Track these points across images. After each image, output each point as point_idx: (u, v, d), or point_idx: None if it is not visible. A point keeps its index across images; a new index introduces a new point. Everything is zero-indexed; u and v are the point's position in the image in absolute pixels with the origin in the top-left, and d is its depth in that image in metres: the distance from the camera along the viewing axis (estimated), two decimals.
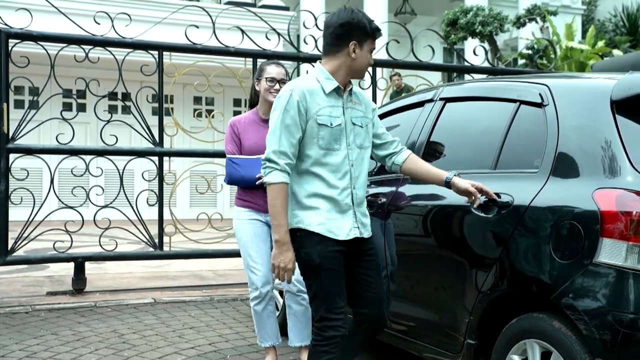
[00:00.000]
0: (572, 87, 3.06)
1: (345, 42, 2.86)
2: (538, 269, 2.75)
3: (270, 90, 3.87)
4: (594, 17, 20.13)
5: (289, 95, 2.81)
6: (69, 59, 5.84)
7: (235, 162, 3.89)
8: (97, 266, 7.07)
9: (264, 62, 4.12)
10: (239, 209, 3.94)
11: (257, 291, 3.84)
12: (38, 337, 4.56)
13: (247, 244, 3.87)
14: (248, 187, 3.89)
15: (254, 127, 3.93)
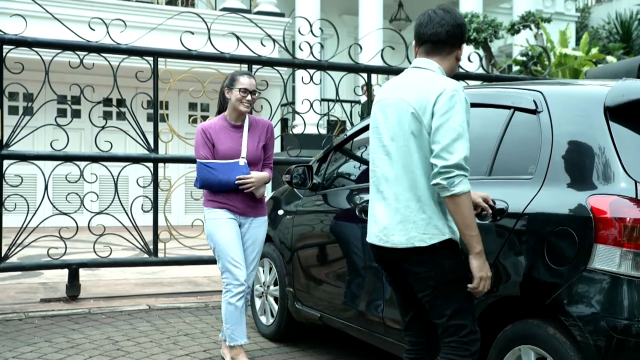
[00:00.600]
0: (566, 94, 3.07)
1: (458, 44, 2.79)
2: (532, 275, 2.75)
3: (242, 101, 4.01)
4: (587, 24, 20.22)
5: (464, 96, 2.61)
6: (63, 65, 5.83)
7: (211, 166, 3.98)
8: (91, 273, 7.05)
9: (236, 71, 4.17)
10: (214, 210, 4.03)
11: (241, 286, 3.94)
12: (32, 344, 4.54)
13: (228, 242, 3.97)
14: (222, 191, 3.99)
15: (226, 132, 4.04)
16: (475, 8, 13.71)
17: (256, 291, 4.97)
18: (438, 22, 2.77)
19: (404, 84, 2.77)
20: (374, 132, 2.81)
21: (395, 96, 2.74)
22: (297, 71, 7.84)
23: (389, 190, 2.70)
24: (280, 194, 4.95)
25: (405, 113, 2.66)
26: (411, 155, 2.64)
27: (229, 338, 4.04)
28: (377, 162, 2.77)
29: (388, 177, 2.71)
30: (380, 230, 2.70)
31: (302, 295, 4.34)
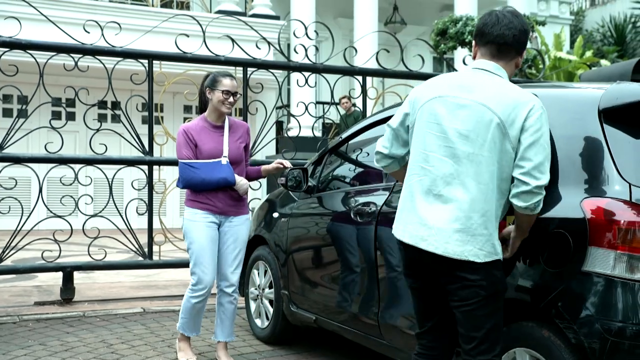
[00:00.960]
0: (561, 97, 3.08)
1: (521, 50, 2.72)
2: (527, 278, 2.75)
3: (225, 102, 4.06)
4: (582, 27, 20.29)
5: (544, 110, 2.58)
6: (58, 68, 5.82)
7: (194, 166, 4.03)
8: (85, 276, 7.03)
9: (217, 72, 4.18)
10: (194, 210, 4.08)
11: (205, 290, 4.07)
12: (25, 347, 4.52)
13: (203, 246, 4.04)
14: (205, 190, 4.05)
15: (208, 133, 4.10)
16: (470, 11, 13.75)
17: (251, 294, 4.97)
18: (506, 25, 2.67)
19: (474, 86, 2.61)
20: (430, 128, 2.61)
21: (469, 98, 2.58)
22: (292, 74, 7.85)
23: (449, 194, 2.54)
24: (275, 197, 4.95)
25: (489, 122, 2.53)
26: (487, 167, 2.52)
27: (180, 326, 4.23)
28: (433, 161, 2.58)
29: (450, 181, 2.54)
30: (431, 235, 2.53)
31: (297, 298, 4.34)
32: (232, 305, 4.24)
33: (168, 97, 12.03)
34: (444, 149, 2.58)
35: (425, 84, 2.76)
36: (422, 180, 2.61)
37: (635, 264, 2.46)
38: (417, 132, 2.68)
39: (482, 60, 2.71)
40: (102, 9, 11.44)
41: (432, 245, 2.54)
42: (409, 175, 2.67)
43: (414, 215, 2.61)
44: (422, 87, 2.75)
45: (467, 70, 2.73)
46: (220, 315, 4.23)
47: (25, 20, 5.95)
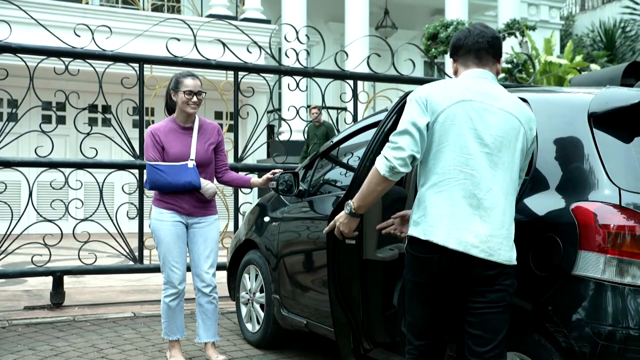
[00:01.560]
0: (551, 102, 3.09)
1: (499, 57, 2.79)
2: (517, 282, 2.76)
3: (188, 103, 4.07)
4: (572, 32, 20.40)
5: None
6: (48, 71, 5.80)
7: (160, 168, 4.04)
8: (76, 280, 6.99)
9: (179, 73, 4.20)
10: (161, 210, 4.13)
11: (175, 289, 4.12)
12: (15, 352, 4.50)
13: (170, 244, 4.10)
14: (171, 192, 4.08)
15: (175, 135, 4.11)
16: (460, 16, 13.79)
17: (242, 298, 4.96)
18: (478, 34, 2.74)
19: (494, 93, 2.64)
20: (465, 131, 2.55)
21: (495, 105, 2.60)
22: (284, 78, 7.85)
23: (492, 200, 2.53)
24: (266, 201, 4.94)
25: (517, 130, 2.60)
26: (515, 174, 2.61)
27: (164, 332, 4.25)
28: (474, 165, 2.53)
29: (491, 187, 2.53)
30: (483, 242, 2.49)
31: (288, 302, 4.34)
32: (212, 305, 4.24)
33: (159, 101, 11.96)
34: (483, 155, 2.55)
35: (434, 87, 2.65)
36: (463, 185, 2.53)
37: (625, 268, 2.47)
38: (447, 134, 2.56)
39: (477, 69, 2.71)
40: (92, 13, 11.42)
41: (485, 252, 2.49)
42: (443, 178, 2.55)
43: (460, 221, 2.52)
44: (432, 90, 2.63)
45: (474, 78, 2.70)
46: (202, 316, 4.25)
47: (16, 24, 5.93)
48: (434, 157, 2.57)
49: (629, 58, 18.21)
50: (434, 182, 2.57)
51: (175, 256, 4.11)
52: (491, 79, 2.70)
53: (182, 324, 4.25)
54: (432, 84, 2.69)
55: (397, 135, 2.56)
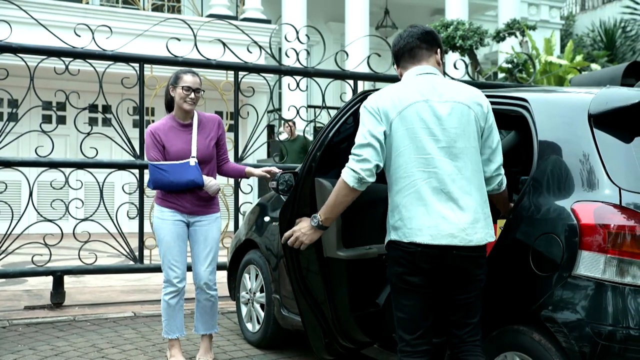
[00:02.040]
0: (551, 101, 3.10)
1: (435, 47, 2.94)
2: (518, 282, 2.76)
3: (186, 99, 4.08)
4: (572, 32, 20.39)
5: None
6: (48, 71, 5.79)
7: (162, 168, 4.05)
8: (76, 280, 6.99)
9: (180, 70, 4.24)
10: (162, 209, 4.16)
11: (174, 287, 4.15)
12: (15, 352, 4.50)
13: (170, 243, 4.12)
14: (174, 191, 4.10)
15: (175, 132, 4.12)
16: (461, 16, 13.79)
17: (242, 298, 4.96)
18: (407, 35, 2.92)
19: (437, 88, 2.76)
20: (420, 133, 2.68)
21: (443, 99, 2.72)
22: (284, 78, 7.84)
23: (459, 190, 2.66)
24: (266, 201, 4.94)
25: (467, 116, 2.72)
26: (478, 156, 2.75)
27: (164, 331, 4.26)
28: (434, 164, 2.66)
29: (455, 178, 2.66)
30: (461, 230, 2.62)
31: (288, 302, 4.34)
32: (210, 302, 4.28)
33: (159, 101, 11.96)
34: (440, 150, 2.68)
35: (383, 95, 2.77)
36: (429, 183, 2.66)
37: (625, 268, 2.47)
38: (403, 139, 2.69)
39: (414, 67, 2.87)
40: (93, 13, 11.42)
41: (465, 240, 2.62)
42: (409, 181, 2.67)
43: (436, 217, 2.63)
44: (382, 98, 2.76)
45: (415, 78, 2.83)
46: (199, 310, 4.31)
47: (16, 24, 5.93)
48: (395, 163, 2.71)
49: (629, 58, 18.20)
50: (401, 187, 2.70)
51: (175, 255, 4.14)
52: (431, 71, 2.85)
53: (181, 323, 4.27)
54: (380, 91, 2.83)
55: (359, 148, 2.69)
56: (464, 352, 2.73)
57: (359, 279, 3.45)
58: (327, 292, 3.42)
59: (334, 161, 3.69)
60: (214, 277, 4.28)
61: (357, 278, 3.44)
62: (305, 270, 3.43)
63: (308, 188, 3.41)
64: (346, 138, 3.73)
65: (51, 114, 10.68)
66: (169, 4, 14.54)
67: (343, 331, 3.47)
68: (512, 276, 2.79)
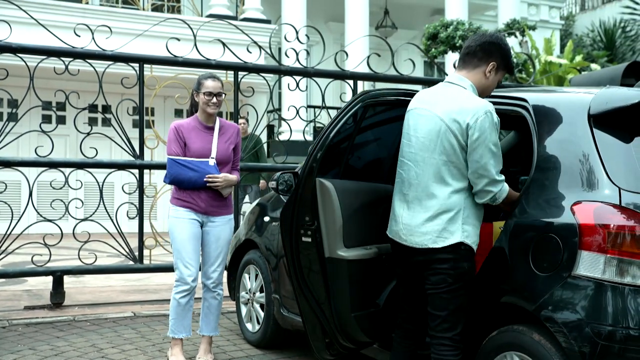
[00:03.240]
0: (551, 101, 3.09)
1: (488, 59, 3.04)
2: (518, 282, 2.76)
3: (208, 104, 4.20)
4: (572, 32, 20.38)
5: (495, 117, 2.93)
6: (48, 71, 5.79)
7: (182, 163, 4.14)
8: (76, 280, 6.99)
9: (202, 75, 4.35)
10: (177, 208, 4.21)
11: (186, 285, 4.18)
12: (15, 352, 4.50)
13: (184, 242, 4.17)
14: (190, 188, 4.16)
15: (198, 132, 4.23)
16: (460, 16, 13.79)
17: (242, 298, 4.96)
18: (472, 39, 3.04)
19: (437, 99, 2.98)
20: (403, 137, 3.08)
21: (429, 109, 2.97)
22: (284, 78, 7.85)
23: (413, 194, 2.97)
24: (266, 201, 4.94)
25: (437, 130, 2.90)
26: (443, 168, 2.90)
27: (170, 330, 4.28)
28: (403, 166, 3.05)
29: (412, 183, 2.97)
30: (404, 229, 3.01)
31: (288, 302, 4.34)
32: (216, 301, 4.35)
33: (159, 101, 12.01)
34: (409, 155, 3.00)
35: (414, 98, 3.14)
36: (399, 184, 3.07)
37: (625, 268, 2.47)
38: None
39: (453, 74, 3.08)
40: (92, 13, 11.41)
41: (406, 239, 2.98)
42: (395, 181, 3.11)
43: (395, 215, 3.07)
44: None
45: (442, 84, 3.07)
46: (205, 310, 4.36)
47: (16, 24, 5.93)
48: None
49: (629, 58, 18.19)
50: None
51: (189, 253, 4.18)
52: (453, 81, 3.00)
53: (189, 323, 4.30)
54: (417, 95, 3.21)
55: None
56: (433, 352, 2.95)
57: (360, 279, 3.45)
58: (327, 292, 3.41)
59: (334, 161, 3.69)
60: (221, 277, 4.37)
61: (358, 278, 3.44)
62: (306, 270, 3.43)
63: (309, 188, 3.41)
64: (346, 138, 3.74)
65: (51, 114, 10.67)
66: (169, 4, 14.54)
67: (343, 331, 3.47)
68: (512, 276, 2.79)
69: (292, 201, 3.37)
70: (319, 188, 3.44)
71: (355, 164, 3.96)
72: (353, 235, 3.43)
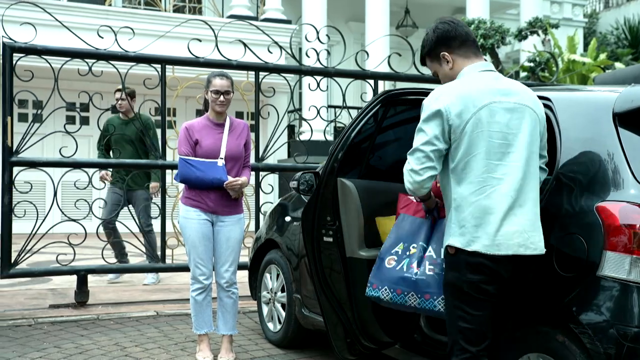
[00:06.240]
0: (575, 100, 3.07)
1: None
2: (541, 282, 2.74)
3: (216, 102, 4.26)
4: (595, 29, 20.16)
5: None
6: (72, 73, 5.86)
7: (191, 163, 4.22)
8: (99, 279, 7.06)
9: (211, 73, 4.39)
10: (187, 208, 4.29)
11: (200, 284, 4.29)
12: (41, 350, 4.55)
13: (195, 242, 4.25)
14: (199, 187, 4.23)
15: (209, 130, 4.29)
16: (482, 14, 13.71)
17: (263, 297, 4.97)
18: (465, 25, 2.84)
19: (507, 88, 2.68)
20: (491, 137, 2.60)
21: (512, 101, 2.65)
22: (304, 78, 7.86)
23: (524, 196, 2.61)
24: (287, 201, 4.95)
25: (535, 120, 2.69)
26: (537, 164, 2.71)
27: (193, 327, 4.40)
28: (504, 170, 2.60)
29: (522, 185, 2.60)
30: (526, 239, 2.58)
31: (309, 302, 4.34)
32: (231, 300, 4.41)
33: (180, 102, 12.08)
34: (511, 155, 2.61)
35: (446, 93, 2.65)
36: (498, 190, 2.58)
37: None
38: (471, 144, 2.59)
39: (478, 62, 2.77)
40: (115, 15, 11.51)
41: (530, 248, 2.59)
42: (477, 187, 2.59)
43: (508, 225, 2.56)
44: (447, 97, 2.63)
45: (480, 74, 2.74)
46: (221, 309, 4.42)
47: (41, 26, 6.00)
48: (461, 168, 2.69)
49: None
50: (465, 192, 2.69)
51: (200, 253, 4.26)
52: (493, 70, 2.78)
53: (210, 319, 4.39)
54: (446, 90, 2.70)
55: None
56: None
57: None
58: (349, 292, 3.42)
59: (355, 161, 3.69)
60: (234, 276, 4.41)
61: None
62: (328, 270, 3.44)
63: (330, 188, 3.41)
64: (367, 138, 3.74)
65: (75, 115, 10.78)
66: (190, 5, 14.62)
67: (365, 331, 3.47)
68: (536, 277, 2.77)
69: (314, 201, 3.38)
70: (340, 188, 3.45)
71: (376, 163, 3.96)
72: (374, 235, 3.43)
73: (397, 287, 2.95)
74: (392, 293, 2.96)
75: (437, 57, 2.84)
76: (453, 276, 2.63)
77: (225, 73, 4.37)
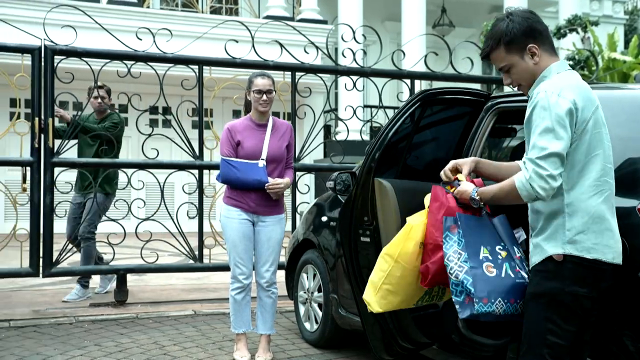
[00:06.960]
0: (615, 98, 3.01)
1: None
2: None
3: (259, 102, 4.28)
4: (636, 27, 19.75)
5: None
6: (111, 74, 5.95)
7: (233, 164, 4.25)
8: (138, 278, 7.15)
9: (252, 73, 4.42)
10: (229, 208, 4.32)
11: (240, 283, 4.33)
12: (82, 347, 4.63)
13: (236, 241, 4.30)
14: (240, 188, 4.26)
15: (251, 131, 4.32)
16: None
17: (300, 297, 4.99)
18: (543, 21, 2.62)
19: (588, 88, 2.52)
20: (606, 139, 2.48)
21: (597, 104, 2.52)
22: (340, 78, 7.85)
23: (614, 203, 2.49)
24: (323, 201, 4.96)
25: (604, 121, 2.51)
26: None
27: (232, 326, 4.44)
28: (612, 174, 2.47)
29: (613, 190, 2.48)
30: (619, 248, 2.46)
31: (346, 302, 4.34)
32: (270, 299, 4.43)
33: (217, 102, 12.17)
34: (611, 160, 2.50)
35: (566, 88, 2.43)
36: (610, 195, 2.46)
37: None
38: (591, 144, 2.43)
39: (562, 60, 2.55)
40: (153, 17, 11.66)
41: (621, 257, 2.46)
42: (595, 190, 2.41)
43: (614, 234, 2.45)
44: (574, 93, 2.42)
45: (569, 72, 2.54)
46: (260, 309, 4.45)
47: (81, 29, 6.10)
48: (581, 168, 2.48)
49: None
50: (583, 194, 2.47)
51: (240, 252, 4.31)
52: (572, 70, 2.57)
53: (248, 318, 4.41)
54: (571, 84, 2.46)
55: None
56: None
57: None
58: None
59: (392, 161, 3.67)
60: (274, 276, 4.42)
61: None
62: (365, 270, 3.43)
63: (367, 188, 3.41)
64: (404, 138, 3.72)
65: None
66: (227, 6, 14.74)
67: (402, 331, 3.45)
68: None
69: (351, 201, 3.37)
70: (378, 188, 3.44)
71: (413, 163, 3.94)
72: None
73: (510, 297, 2.60)
74: (506, 304, 2.59)
75: (519, 50, 2.53)
76: (552, 286, 2.41)
77: (267, 73, 4.40)
